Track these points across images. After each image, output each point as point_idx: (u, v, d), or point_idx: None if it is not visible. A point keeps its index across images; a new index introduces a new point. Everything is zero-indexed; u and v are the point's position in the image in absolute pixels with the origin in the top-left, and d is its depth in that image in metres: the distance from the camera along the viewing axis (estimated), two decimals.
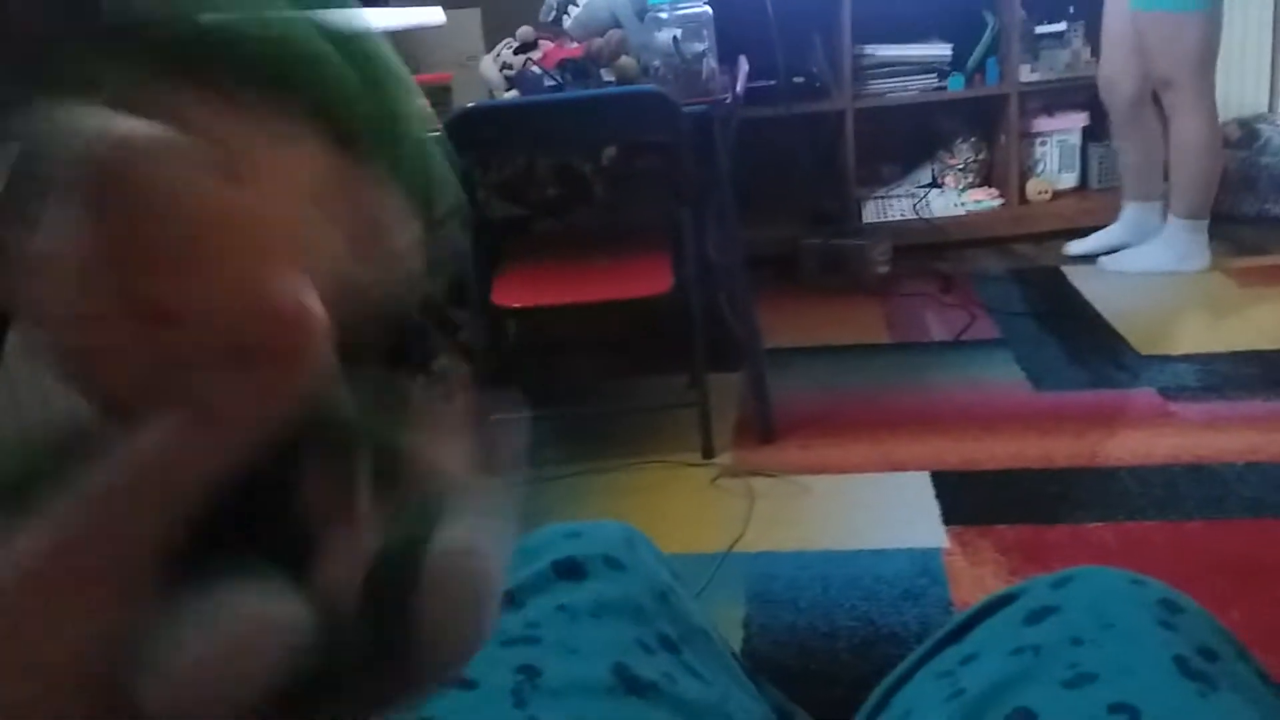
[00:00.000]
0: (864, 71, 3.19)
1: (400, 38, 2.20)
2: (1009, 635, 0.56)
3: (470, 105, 1.85)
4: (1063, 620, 0.56)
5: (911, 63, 3.20)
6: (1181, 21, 2.57)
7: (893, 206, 3.31)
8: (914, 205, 3.31)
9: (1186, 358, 2.25)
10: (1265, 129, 3.28)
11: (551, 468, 2.06)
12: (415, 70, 1.45)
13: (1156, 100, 2.79)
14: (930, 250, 3.17)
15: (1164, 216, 2.87)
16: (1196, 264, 2.77)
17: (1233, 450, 1.83)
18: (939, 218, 3.26)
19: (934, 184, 3.40)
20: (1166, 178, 2.86)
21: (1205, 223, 2.78)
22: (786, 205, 3.35)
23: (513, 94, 2.04)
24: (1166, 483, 1.75)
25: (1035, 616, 0.57)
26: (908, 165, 3.46)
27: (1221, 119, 3.44)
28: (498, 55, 2.12)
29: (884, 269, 2.96)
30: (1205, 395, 2.06)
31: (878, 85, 3.20)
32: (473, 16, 2.26)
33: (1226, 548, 1.55)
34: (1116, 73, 2.80)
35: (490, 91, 2.11)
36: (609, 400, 2.38)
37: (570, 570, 0.62)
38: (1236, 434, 1.89)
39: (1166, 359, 2.25)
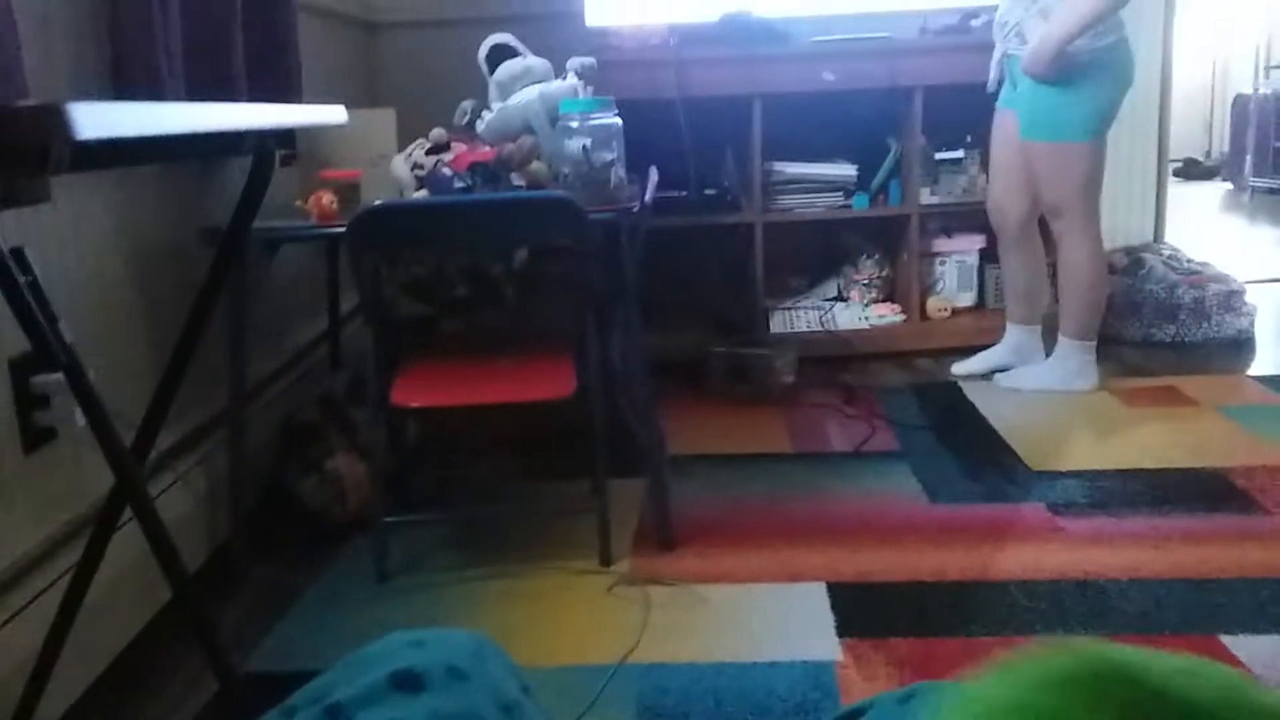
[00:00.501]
0: (773, 187, 3.29)
1: (310, 135, 2.21)
2: None
3: (377, 203, 1.85)
4: None
5: (819, 181, 3.32)
6: (1069, 152, 2.72)
7: (799, 318, 3.39)
8: (820, 317, 3.39)
9: (1075, 474, 2.31)
10: (1149, 258, 3.46)
11: (447, 572, 2.00)
12: (325, 165, 1.45)
13: (1042, 226, 2.93)
14: (835, 362, 3.24)
15: (1043, 339, 2.98)
16: (1086, 384, 2.88)
17: (1118, 566, 1.87)
18: (844, 330, 3.34)
19: (839, 297, 3.49)
20: (1048, 302, 2.99)
21: (1093, 344, 2.89)
22: (695, 313, 3.40)
23: (422, 194, 2.05)
24: (1053, 597, 1.77)
25: None
26: (815, 278, 3.56)
27: (1109, 247, 3.64)
28: (409, 155, 2.13)
29: (789, 379, 3.01)
30: (1092, 511, 2.12)
31: (786, 201, 3.31)
32: (387, 116, 2.28)
33: None
34: (1005, 199, 2.94)
35: (400, 190, 2.11)
36: (509, 503, 2.34)
37: (407, 682, 0.59)
38: (1121, 550, 1.94)
39: (1056, 475, 2.31)
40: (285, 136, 2.27)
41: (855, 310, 3.40)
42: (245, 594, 1.93)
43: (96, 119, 0.67)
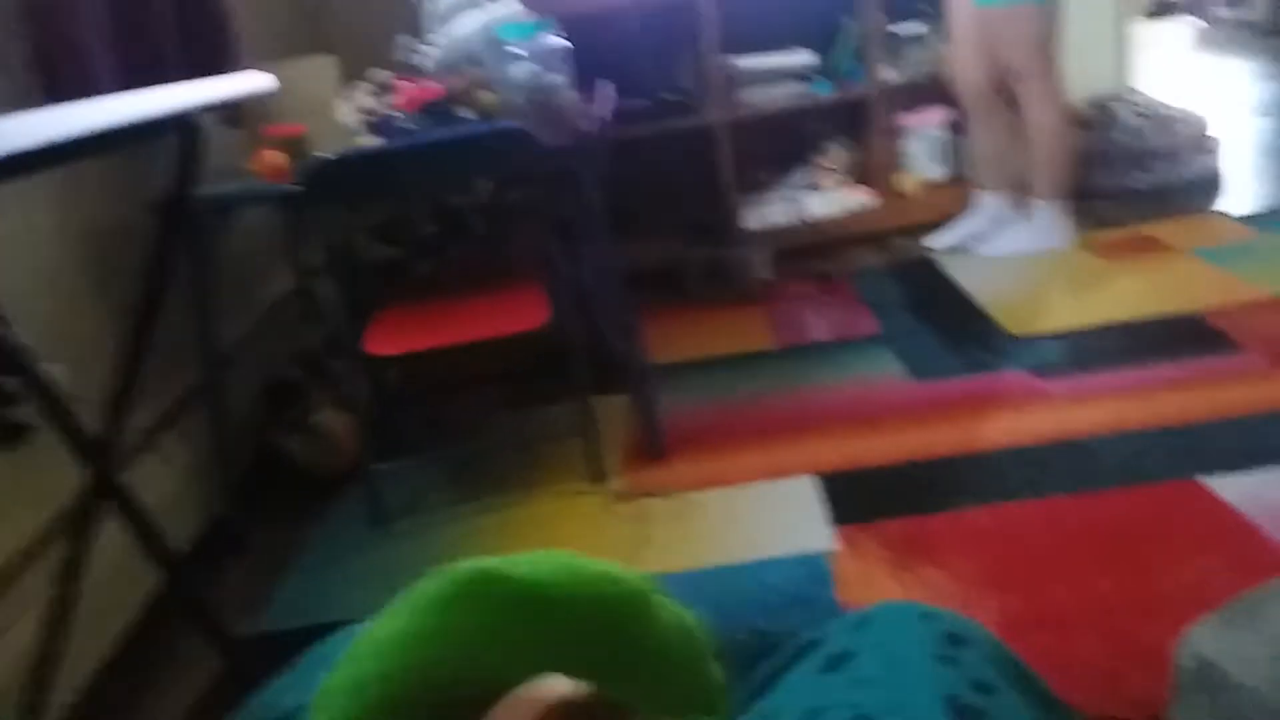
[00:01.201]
0: (733, 83, 3.24)
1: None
2: (805, 688, 0.58)
3: (330, 156, 1.83)
4: (854, 665, 0.57)
5: (778, 72, 3.26)
6: (1022, 15, 2.67)
7: (772, 212, 3.36)
8: (793, 209, 3.36)
9: (1055, 335, 2.32)
10: (1117, 106, 3.42)
11: (443, 510, 2.04)
12: (270, 121, 1.42)
13: (1006, 92, 2.89)
14: (811, 252, 3.23)
15: (1017, 203, 2.97)
16: (1062, 242, 2.88)
17: (1100, 422, 1.90)
18: (817, 219, 3.32)
19: (810, 186, 3.46)
20: (1019, 165, 2.96)
21: (1066, 201, 2.88)
22: (667, 220, 3.38)
23: (373, 140, 2.02)
24: (1038, 461, 1.80)
25: (832, 663, 0.58)
26: (783, 170, 3.52)
27: (1077, 100, 3.59)
28: (355, 100, 2.10)
29: (767, 275, 3.01)
30: (1074, 371, 2.14)
31: (747, 96, 3.26)
32: (328, 63, 2.23)
33: (1096, 519, 1.60)
34: (966, 68, 2.89)
35: (350, 138, 2.08)
36: (498, 435, 2.37)
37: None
38: (1104, 406, 1.96)
39: (1036, 339, 2.33)
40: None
41: (827, 197, 3.38)
42: (247, 558, 1.97)
43: (19, 131, 0.66)
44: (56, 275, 1.75)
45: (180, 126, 1.29)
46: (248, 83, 1.28)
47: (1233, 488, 1.61)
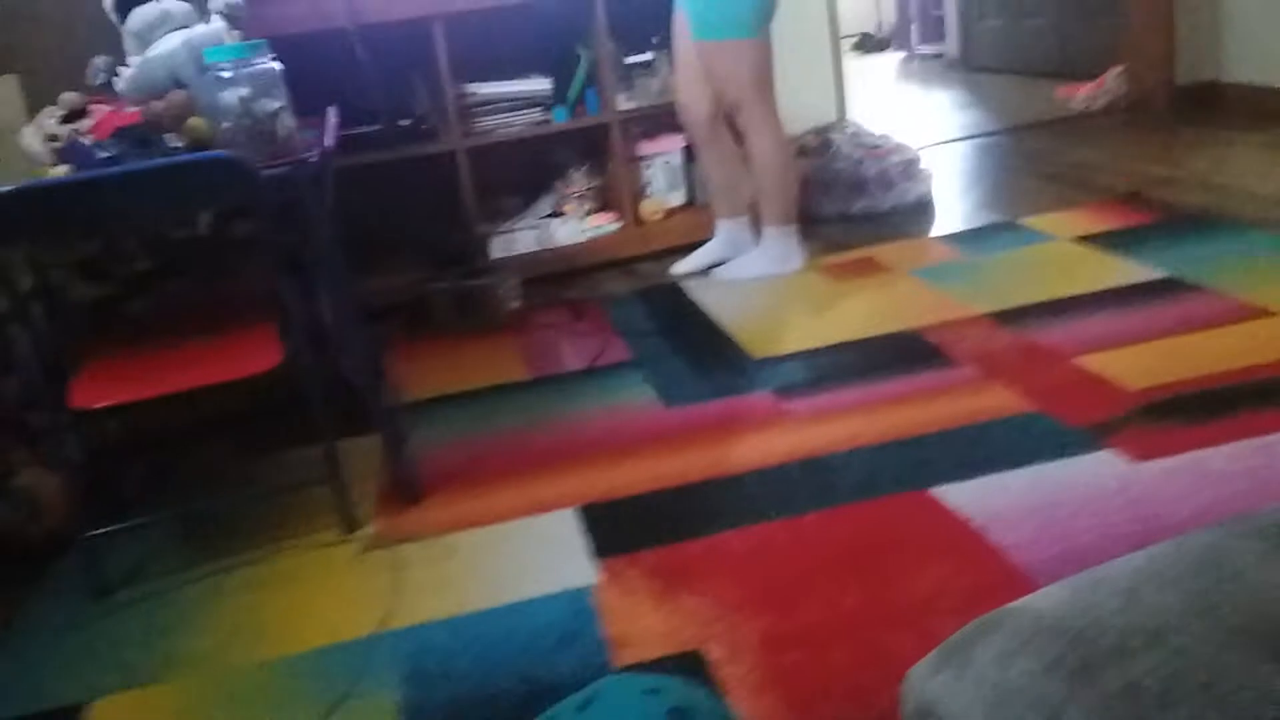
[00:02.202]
0: (469, 110, 3.19)
1: None
2: None
3: (13, 187, 1.62)
4: None
5: (515, 98, 3.24)
6: (735, 49, 2.80)
7: (518, 240, 3.34)
8: (538, 236, 3.35)
9: (793, 356, 2.43)
10: (835, 137, 3.65)
11: (176, 574, 1.85)
12: None
13: (730, 121, 3.02)
14: (559, 279, 3.23)
15: (752, 229, 3.11)
16: (793, 265, 3.03)
17: (838, 439, 1.99)
18: (564, 246, 3.33)
19: (555, 214, 3.46)
20: (749, 193, 3.10)
21: (794, 227, 3.04)
22: (410, 250, 3.28)
23: (62, 169, 1.81)
24: (784, 480, 1.87)
25: None
26: (527, 198, 3.50)
27: (800, 130, 3.81)
28: (40, 126, 1.88)
29: (515, 304, 2.97)
30: (812, 390, 2.24)
31: (485, 123, 3.22)
32: (9, 83, 1.99)
33: (839, 534, 1.68)
34: (690, 99, 3.00)
35: (35, 168, 1.86)
36: (235, 487, 2.19)
37: None
38: (840, 423, 2.06)
39: (777, 360, 2.42)
40: None
41: (572, 224, 3.39)
42: None
43: None
44: None
45: None
46: None
47: (958, 496, 1.73)
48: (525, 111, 3.25)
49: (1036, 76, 5.72)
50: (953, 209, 3.51)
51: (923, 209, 3.54)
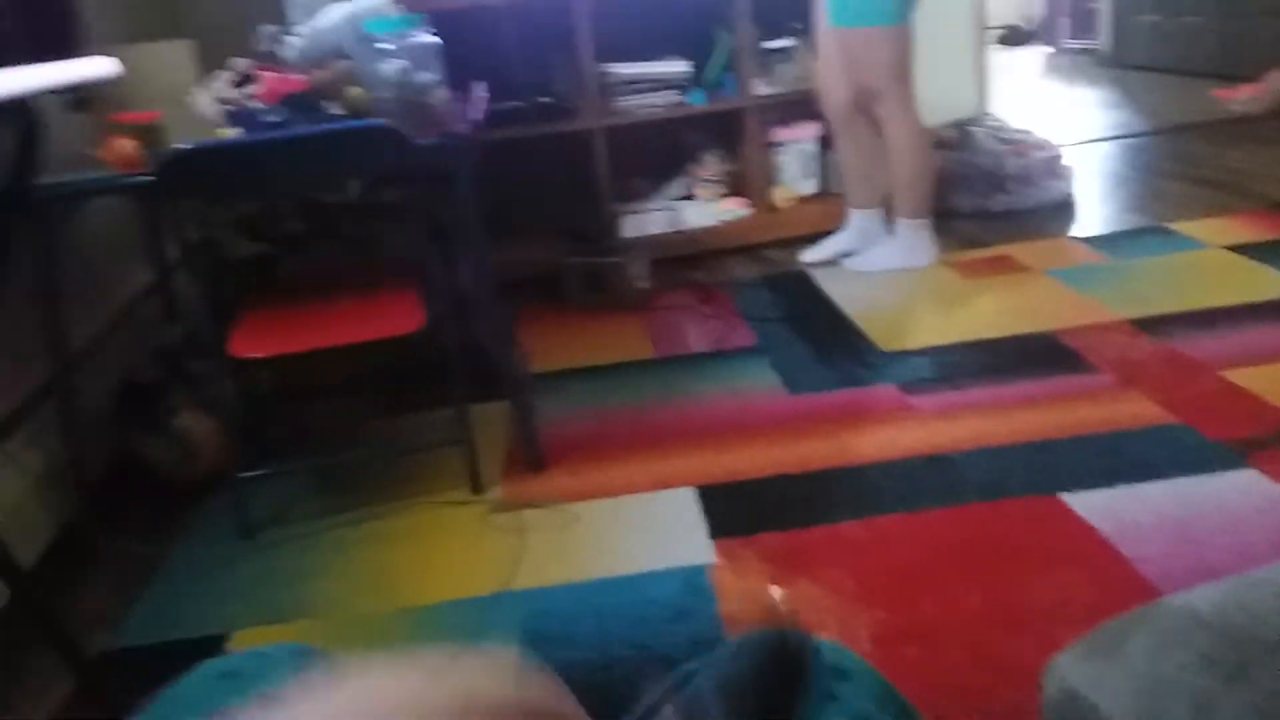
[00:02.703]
0: (609, 90, 3.23)
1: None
2: None
3: (187, 146, 1.72)
4: None
5: (653, 80, 3.26)
6: (875, 36, 2.76)
7: (649, 221, 3.37)
8: (669, 218, 3.38)
9: (921, 351, 2.40)
10: (976, 131, 3.56)
11: (313, 520, 1.95)
12: (121, 108, 1.32)
13: (868, 110, 2.97)
14: (687, 262, 3.26)
15: (885, 220, 3.07)
16: (925, 259, 2.98)
17: (964, 438, 1.97)
18: (694, 229, 3.35)
19: (687, 196, 3.48)
20: (884, 183, 3.06)
21: (928, 220, 2.98)
22: (545, 224, 3.35)
23: (232, 132, 1.92)
24: (907, 475, 1.86)
25: None
26: (660, 179, 3.53)
27: (939, 122, 3.73)
28: (214, 89, 1.99)
29: (644, 283, 3.01)
30: (939, 387, 2.21)
31: (623, 103, 3.25)
32: (182, 48, 2.11)
33: (963, 534, 1.66)
34: (829, 86, 2.97)
35: (209, 129, 1.97)
36: (372, 443, 2.29)
37: None
38: (967, 422, 2.03)
39: (905, 354, 2.40)
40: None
41: (703, 207, 3.41)
42: (102, 570, 1.85)
43: None
44: None
45: (19, 112, 1.19)
46: (93, 67, 1.19)
47: (1089, 504, 1.69)
48: (662, 93, 3.27)
49: (1192, 76, 5.45)
50: (1096, 210, 3.40)
51: (1064, 209, 3.43)
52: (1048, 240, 3.13)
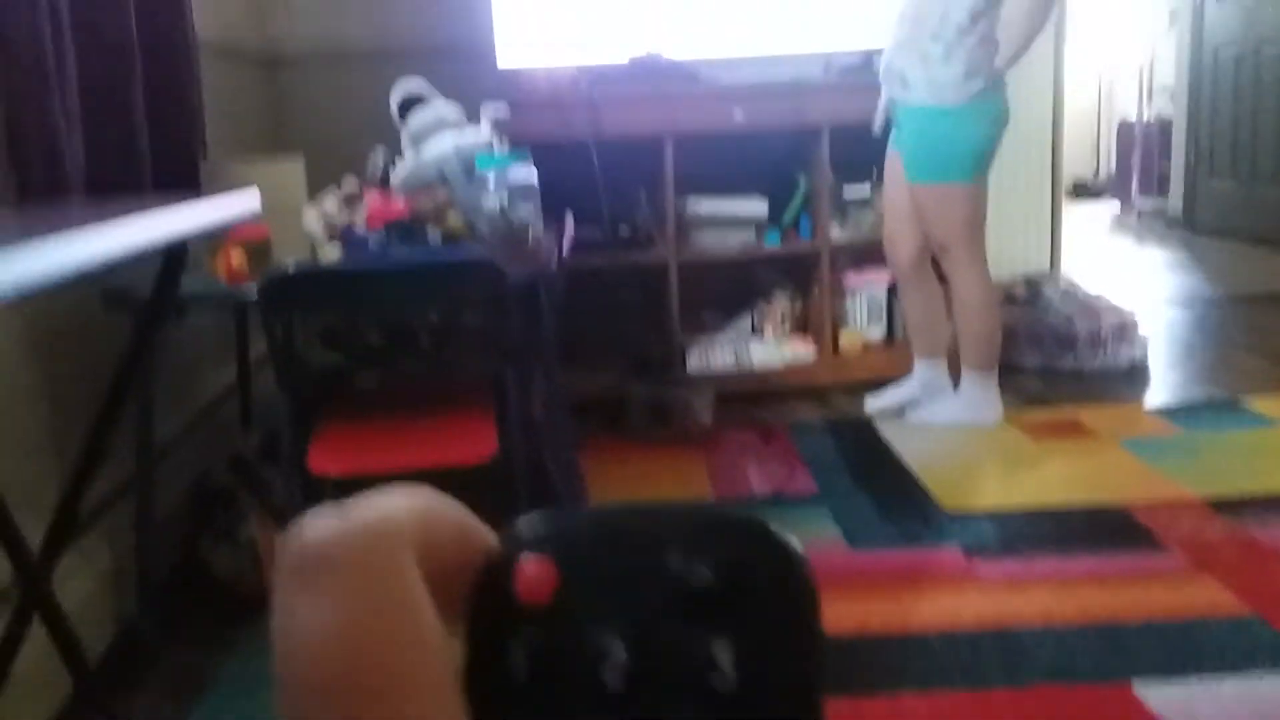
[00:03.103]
0: (687, 225, 3.31)
1: (216, 189, 2.14)
2: None
3: (291, 269, 1.80)
4: None
5: (731, 218, 3.35)
6: (951, 192, 2.81)
7: (715, 354, 3.41)
8: (735, 354, 3.41)
9: (986, 514, 2.37)
10: (1047, 291, 3.58)
11: None
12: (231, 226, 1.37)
13: (937, 262, 3.01)
14: (752, 399, 3.27)
15: (949, 372, 3.07)
16: (992, 416, 2.96)
17: (1030, 613, 1.92)
18: (760, 367, 3.37)
19: (754, 333, 3.53)
20: (949, 335, 3.07)
21: (994, 375, 2.98)
22: (613, 351, 3.40)
23: (335, 251, 2.00)
24: (971, 647, 1.81)
25: None
26: (729, 314, 3.59)
27: (1009, 276, 3.77)
28: (321, 207, 2.08)
29: (707, 418, 3.03)
30: (1004, 554, 2.17)
31: (700, 238, 3.33)
32: (295, 165, 2.22)
33: (1032, 717, 1.61)
34: (897, 237, 3.02)
35: (312, 244, 2.06)
36: None
37: None
38: (1033, 595, 1.99)
39: (969, 515, 2.37)
40: (189, 186, 2.20)
41: (770, 345, 3.44)
42: (156, 678, 1.85)
43: (7, 274, 0.63)
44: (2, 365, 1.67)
45: (167, 248, 1.27)
46: (235, 205, 1.26)
47: (1161, 696, 1.64)
48: (739, 231, 3.34)
49: (1268, 245, 5.45)
50: (1165, 377, 3.37)
51: (1135, 374, 3.41)
52: (1117, 406, 3.10)
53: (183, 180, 2.19)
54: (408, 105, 2.30)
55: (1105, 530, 2.26)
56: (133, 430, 1.90)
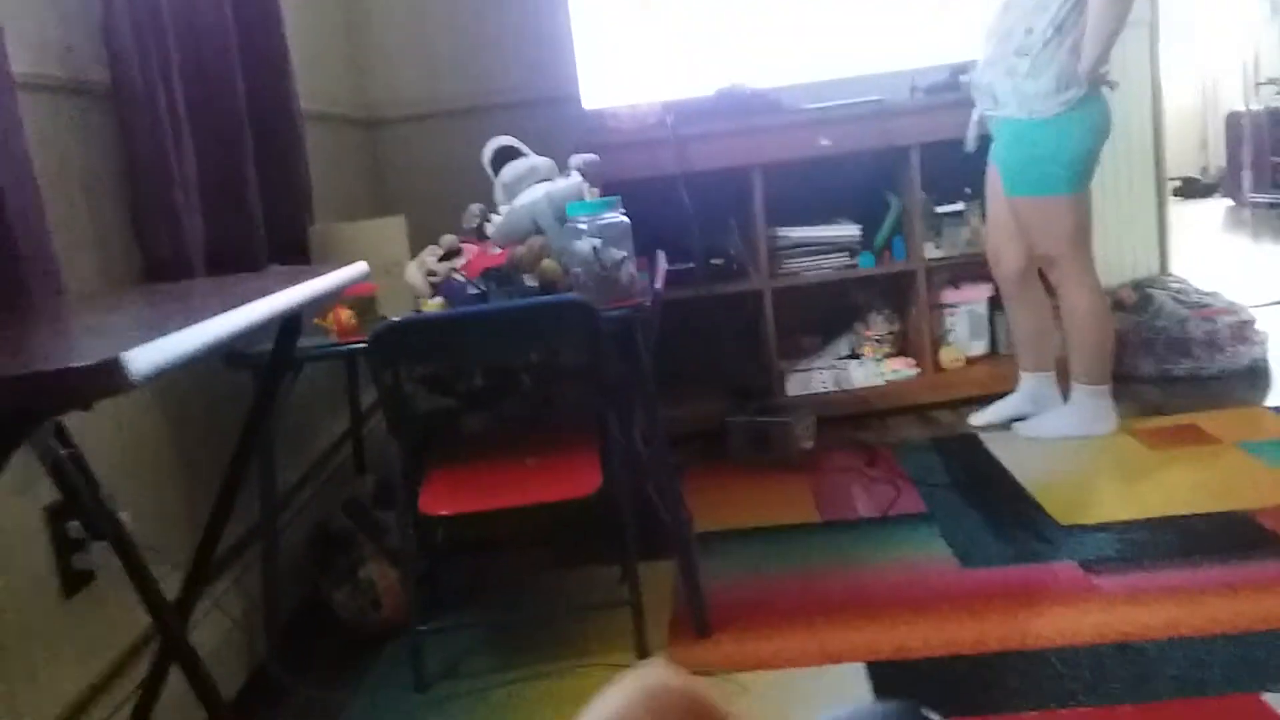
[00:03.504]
0: (779, 252, 3.33)
1: (324, 249, 2.26)
2: None
3: (396, 320, 1.89)
4: None
5: (824, 243, 3.35)
6: (1053, 205, 2.76)
7: (814, 379, 3.41)
8: (835, 377, 3.41)
9: (1104, 526, 2.31)
10: (1158, 293, 3.48)
11: (486, 676, 2.01)
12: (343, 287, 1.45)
13: (1043, 272, 2.96)
14: (853, 421, 3.26)
15: (1057, 384, 3.00)
16: (1105, 427, 2.89)
17: (1155, 625, 1.87)
18: (859, 388, 3.36)
19: (853, 355, 3.51)
20: (1057, 346, 3.00)
21: (1108, 387, 2.90)
22: (711, 381, 3.43)
23: (438, 301, 2.09)
24: (1094, 663, 1.77)
25: None
26: (826, 338, 3.58)
27: (1117, 281, 3.67)
28: (422, 262, 2.18)
29: (809, 443, 3.02)
30: (1125, 566, 2.12)
31: (793, 264, 3.35)
32: (398, 223, 2.33)
33: None
34: (1001, 251, 2.98)
35: (416, 298, 2.16)
36: (541, 598, 2.35)
37: None
38: (1157, 607, 1.93)
39: (1085, 529, 2.31)
40: (299, 252, 2.32)
41: (869, 367, 3.42)
42: (287, 715, 1.95)
43: (148, 359, 0.70)
44: (135, 421, 1.79)
45: (285, 318, 1.36)
46: (345, 275, 1.35)
47: None
48: (832, 255, 3.35)
49: None
50: None
51: (1256, 376, 3.28)
52: (1239, 410, 2.99)
53: (293, 246, 2.32)
54: (500, 159, 2.39)
55: (1231, 537, 2.18)
56: (256, 481, 2.01)
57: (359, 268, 1.38)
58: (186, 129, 1.90)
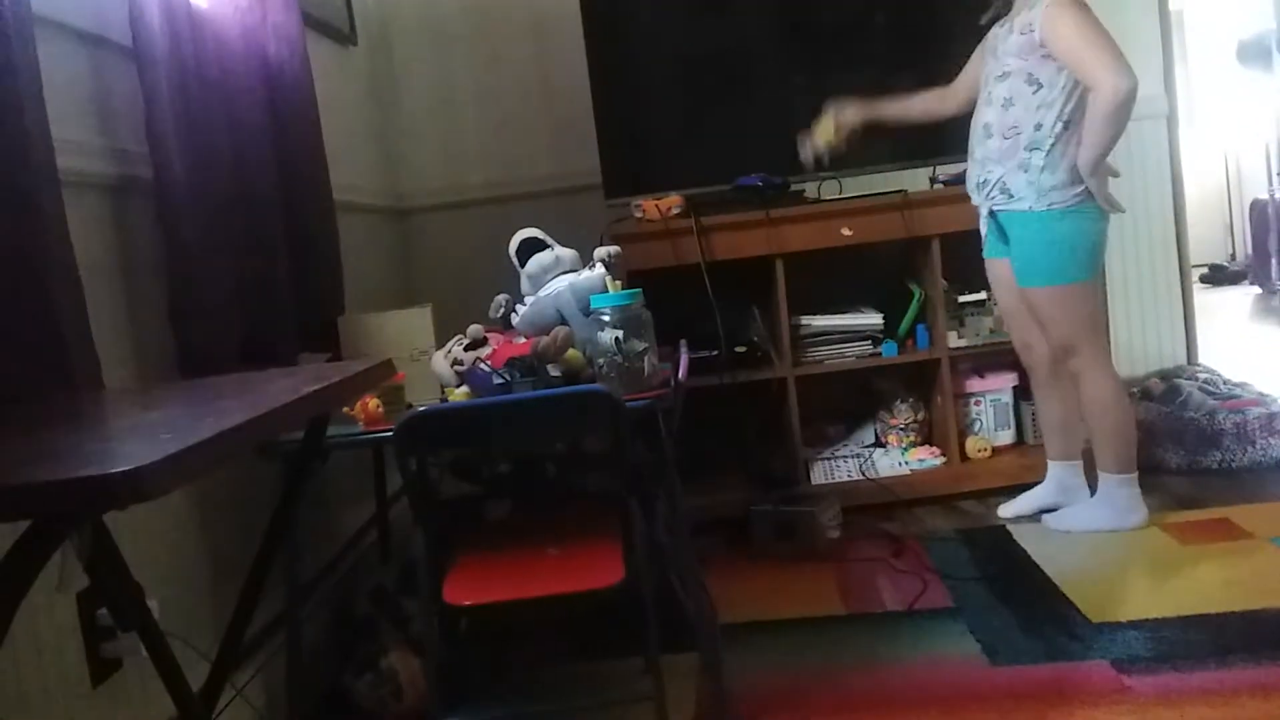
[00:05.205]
0: (802, 340, 3.35)
1: (353, 339, 2.30)
2: None
3: (422, 409, 1.91)
4: None
5: (846, 331, 3.37)
6: (1068, 293, 2.76)
7: (839, 467, 3.39)
8: (860, 465, 3.39)
9: (1136, 624, 2.26)
10: (1185, 384, 3.46)
11: None
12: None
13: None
14: (878, 510, 3.23)
15: (1086, 475, 2.97)
16: (1135, 520, 2.85)
17: None
18: (884, 477, 3.34)
19: (878, 443, 3.50)
20: (1086, 435, 2.98)
21: (1134, 476, 2.87)
22: (735, 469, 3.42)
23: (463, 390, 2.11)
24: None
25: None
26: (851, 426, 3.58)
27: (1144, 371, 3.66)
28: (448, 352, 2.21)
29: (835, 532, 3.00)
30: (1158, 666, 2.07)
31: (816, 353, 3.36)
32: (424, 314, 2.37)
33: None
34: (1031, 340, 2.98)
35: (441, 387, 2.18)
36: (562, 691, 2.32)
37: None
38: (1191, 711, 1.89)
39: (1117, 626, 2.27)
40: (329, 340, 2.36)
41: (894, 455, 3.41)
42: None
43: (180, 467, 0.73)
44: (165, 510, 1.81)
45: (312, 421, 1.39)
46: (375, 375, 1.38)
47: None
48: (855, 343, 3.36)
49: None
50: None
51: None
52: (1271, 503, 2.94)
53: (323, 336, 2.36)
54: (525, 251, 2.43)
55: (1266, 637, 2.13)
56: (280, 568, 2.01)
57: (386, 368, 1.40)
58: (223, 221, 1.96)
